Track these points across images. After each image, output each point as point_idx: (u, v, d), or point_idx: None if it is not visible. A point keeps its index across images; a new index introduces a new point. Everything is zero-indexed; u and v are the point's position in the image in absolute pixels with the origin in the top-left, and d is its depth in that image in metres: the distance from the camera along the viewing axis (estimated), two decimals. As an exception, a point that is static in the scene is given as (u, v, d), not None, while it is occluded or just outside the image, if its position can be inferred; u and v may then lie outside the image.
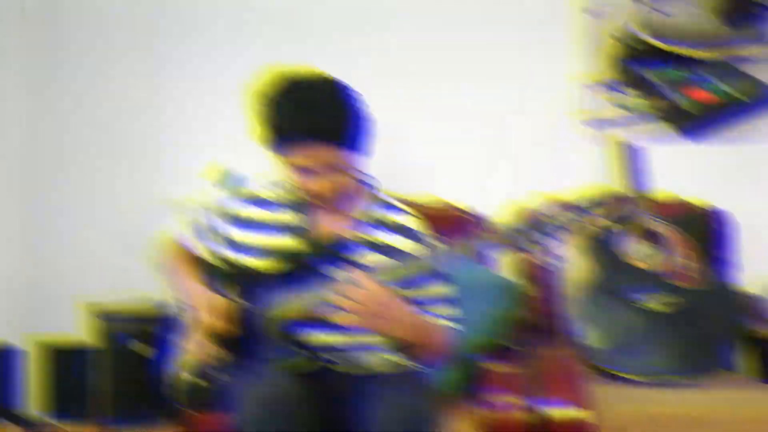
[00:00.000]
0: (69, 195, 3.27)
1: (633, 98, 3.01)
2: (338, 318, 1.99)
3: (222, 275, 2.21)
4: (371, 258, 2.14)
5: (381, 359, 2.15)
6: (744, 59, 2.95)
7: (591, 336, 2.66)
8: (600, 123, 3.03)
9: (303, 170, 2.06)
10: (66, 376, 2.65)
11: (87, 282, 3.10)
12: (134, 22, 3.25)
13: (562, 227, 1.93)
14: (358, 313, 1.95)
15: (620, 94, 3.02)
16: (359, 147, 2.08)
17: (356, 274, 1.99)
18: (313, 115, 2.00)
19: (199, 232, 2.30)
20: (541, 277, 2.84)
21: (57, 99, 3.27)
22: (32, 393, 2.86)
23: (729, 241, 2.84)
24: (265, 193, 2.25)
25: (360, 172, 2.17)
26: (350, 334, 2.07)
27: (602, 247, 2.76)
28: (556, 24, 3.05)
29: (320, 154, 2.02)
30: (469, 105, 3.09)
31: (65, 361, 2.66)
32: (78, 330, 2.64)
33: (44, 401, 2.64)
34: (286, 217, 2.20)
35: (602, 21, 3.02)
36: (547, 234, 1.93)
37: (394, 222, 2.21)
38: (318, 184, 2.07)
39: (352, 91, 2.08)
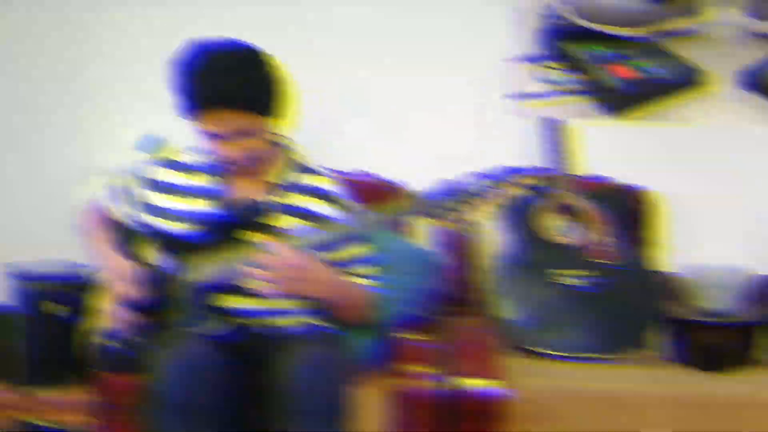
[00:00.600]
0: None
1: (557, 74, 3.03)
2: (253, 284, 2.02)
3: (138, 240, 2.23)
4: (288, 221, 2.16)
5: (297, 322, 2.18)
6: (670, 34, 2.98)
7: (506, 309, 2.69)
8: (525, 98, 3.05)
9: (214, 135, 2.07)
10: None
11: (10, 247, 3.07)
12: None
13: (478, 195, 1.96)
14: (274, 280, 1.99)
15: (545, 70, 3.04)
16: (272, 112, 2.10)
17: (271, 240, 2.02)
18: (222, 80, 2.02)
19: (117, 196, 2.31)
20: (457, 246, 2.85)
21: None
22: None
23: (650, 220, 2.88)
24: (183, 157, 2.27)
25: (275, 136, 2.18)
26: (266, 299, 2.09)
27: (520, 219, 2.79)
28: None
29: (230, 119, 2.03)
30: (395, 79, 3.08)
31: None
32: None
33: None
34: (203, 181, 2.22)
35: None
36: (463, 202, 1.96)
37: (311, 185, 2.23)
38: (229, 149, 2.09)
39: (265, 56, 2.10)
